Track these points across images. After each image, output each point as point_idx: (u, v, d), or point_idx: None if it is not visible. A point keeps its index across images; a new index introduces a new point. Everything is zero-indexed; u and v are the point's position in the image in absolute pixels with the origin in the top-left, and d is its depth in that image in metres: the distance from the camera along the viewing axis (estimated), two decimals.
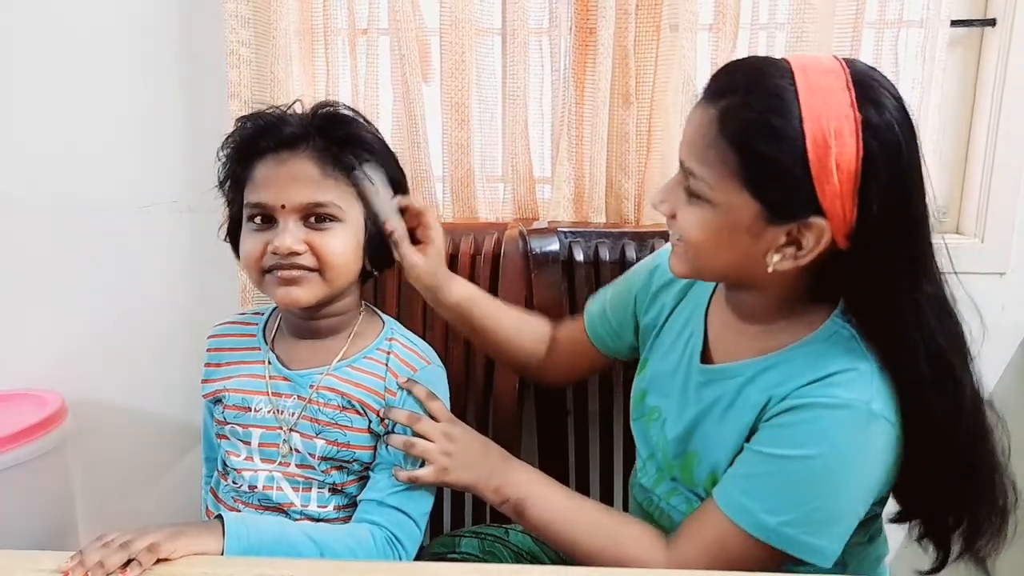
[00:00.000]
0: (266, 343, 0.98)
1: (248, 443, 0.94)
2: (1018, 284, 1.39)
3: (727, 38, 1.26)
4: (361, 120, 0.96)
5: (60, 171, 1.44)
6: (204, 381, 0.99)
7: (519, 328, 1.08)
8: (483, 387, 1.28)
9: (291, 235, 0.88)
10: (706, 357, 0.89)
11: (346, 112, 0.96)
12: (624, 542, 0.85)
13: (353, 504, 0.95)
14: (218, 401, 0.97)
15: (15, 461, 1.32)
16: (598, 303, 1.06)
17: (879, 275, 0.74)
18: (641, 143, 1.30)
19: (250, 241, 0.91)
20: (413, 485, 0.92)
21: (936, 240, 0.77)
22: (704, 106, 0.75)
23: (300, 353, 0.96)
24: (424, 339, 1.11)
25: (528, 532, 1.07)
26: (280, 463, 0.93)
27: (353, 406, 0.93)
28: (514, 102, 1.30)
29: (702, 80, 1.26)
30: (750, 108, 0.71)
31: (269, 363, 0.96)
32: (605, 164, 1.31)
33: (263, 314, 1.03)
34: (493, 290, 1.22)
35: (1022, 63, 1.30)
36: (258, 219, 0.90)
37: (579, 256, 1.25)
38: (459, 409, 1.29)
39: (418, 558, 1.03)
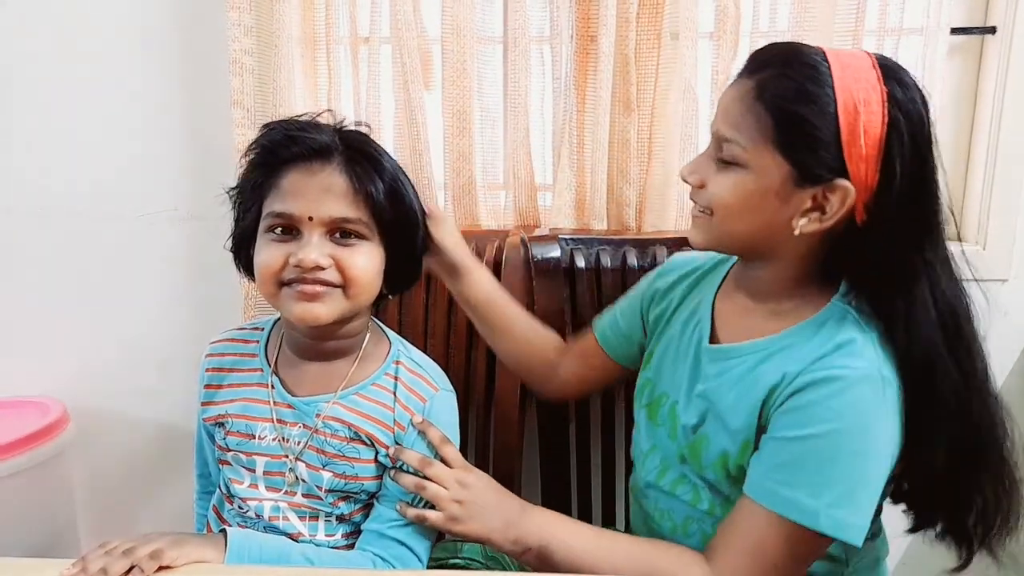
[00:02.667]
0: (268, 364, 0.93)
1: (252, 471, 0.91)
2: (1020, 290, 1.39)
3: (728, 46, 1.26)
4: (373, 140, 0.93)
5: (62, 179, 1.44)
6: (204, 404, 0.94)
7: (533, 334, 1.10)
8: (484, 394, 1.28)
9: (316, 249, 0.83)
10: (714, 340, 0.91)
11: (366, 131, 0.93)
12: (664, 567, 0.83)
13: (360, 532, 0.92)
14: (219, 425, 0.93)
15: (17, 468, 1.32)
16: (608, 313, 1.09)
17: (893, 242, 0.78)
18: (642, 150, 1.31)
19: (269, 251, 0.85)
20: (414, 545, 0.90)
21: (945, 213, 0.82)
22: (740, 80, 0.81)
23: (305, 377, 0.92)
24: (426, 347, 1.11)
25: None
26: (286, 492, 0.90)
27: (360, 438, 0.89)
28: (515, 110, 1.30)
29: (703, 88, 1.29)
30: (788, 77, 0.77)
31: (273, 387, 0.91)
32: (606, 171, 1.31)
33: (263, 329, 0.97)
34: None
35: (1022, 71, 1.30)
36: (279, 229, 0.85)
37: (580, 263, 1.25)
38: (461, 416, 1.29)
39: None
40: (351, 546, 0.92)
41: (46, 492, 1.39)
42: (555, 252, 1.24)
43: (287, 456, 0.89)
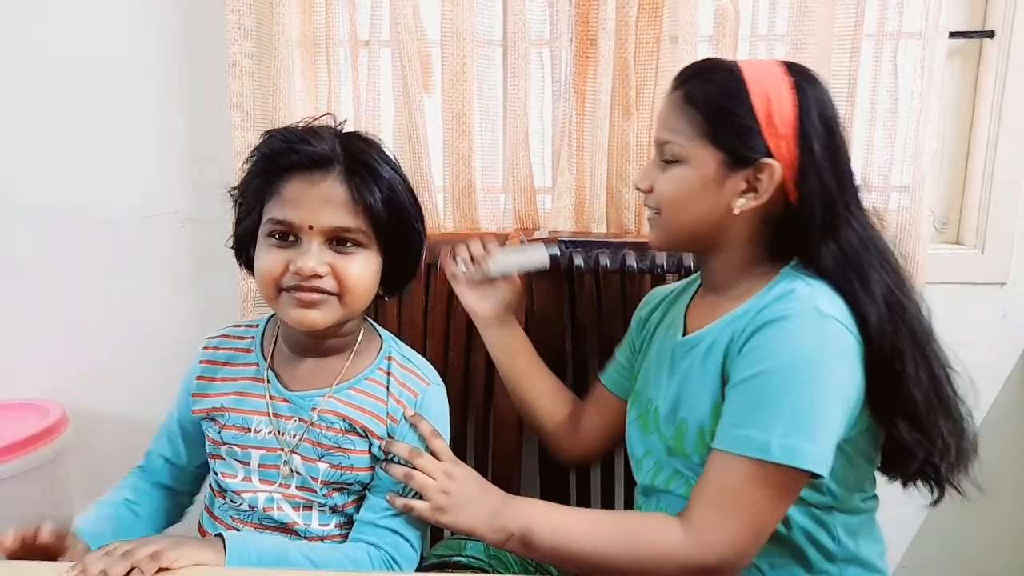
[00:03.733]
0: (264, 359, 0.96)
1: (247, 463, 0.93)
2: (1018, 294, 1.39)
3: (727, 50, 1.26)
4: (379, 146, 0.94)
5: (61, 181, 1.45)
6: (196, 396, 0.96)
7: (558, 390, 1.16)
8: (484, 396, 1.28)
9: (315, 257, 0.86)
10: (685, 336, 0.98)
11: (369, 138, 0.94)
12: (645, 534, 0.85)
13: (350, 522, 0.95)
14: (211, 419, 0.95)
15: (15, 471, 1.32)
16: (611, 361, 1.14)
17: (816, 197, 0.87)
18: (641, 153, 1.31)
19: (268, 257, 0.88)
20: (406, 533, 0.92)
21: (861, 190, 0.92)
22: (672, 94, 0.93)
23: (300, 372, 0.95)
24: (425, 348, 1.13)
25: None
26: (280, 484, 0.92)
27: (355, 430, 0.92)
28: (515, 113, 1.31)
29: None
30: (710, 81, 0.90)
31: (269, 382, 0.94)
32: (606, 174, 1.31)
33: (258, 326, 1.00)
34: None
35: (1020, 74, 1.31)
36: (279, 236, 0.88)
37: (580, 266, 1.25)
38: (460, 422, 1.29)
39: (422, 560, 1.02)
40: (344, 536, 0.94)
41: (45, 494, 1.39)
42: (555, 253, 1.24)
43: (282, 449, 0.92)
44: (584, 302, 1.27)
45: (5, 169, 1.45)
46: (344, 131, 0.93)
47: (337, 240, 0.88)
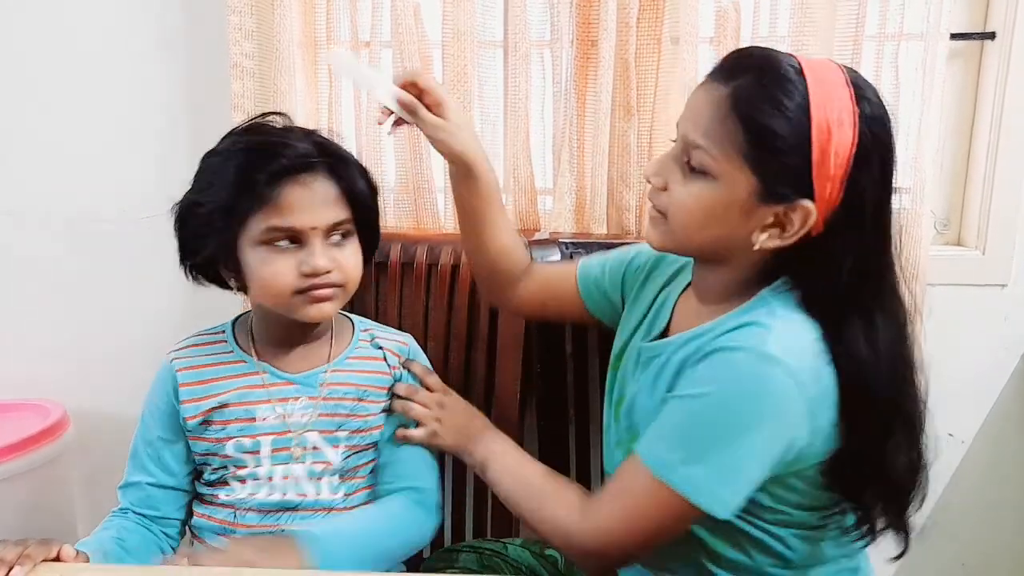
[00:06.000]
0: (250, 355, 0.99)
1: (256, 452, 0.95)
2: (1019, 295, 1.39)
3: (728, 51, 1.26)
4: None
5: (64, 181, 1.45)
6: (186, 402, 0.96)
7: (512, 237, 1.06)
8: (484, 395, 1.28)
9: (324, 255, 0.91)
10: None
11: (319, 128, 1.00)
12: (550, 500, 0.88)
13: (359, 491, 1.00)
14: (207, 422, 0.96)
15: (17, 471, 1.32)
16: (596, 266, 1.06)
17: (843, 254, 0.77)
18: (642, 155, 1.31)
19: (276, 265, 0.91)
20: (420, 465, 1.02)
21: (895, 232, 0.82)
22: (714, 84, 0.79)
23: (292, 359, 0.99)
24: (425, 348, 1.14)
25: (526, 546, 1.09)
26: (294, 463, 0.96)
27: (368, 395, 1.00)
28: (516, 114, 1.31)
29: None
30: (764, 87, 0.75)
31: (265, 373, 0.97)
32: (606, 175, 1.31)
33: (223, 331, 1.03)
34: None
35: (1021, 76, 1.30)
36: (283, 242, 0.91)
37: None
38: None
39: (418, 571, 1.05)
40: (354, 506, 0.99)
41: (46, 495, 1.39)
42: (555, 256, 1.24)
43: (291, 431, 0.96)
44: None
45: (6, 170, 1.45)
46: (301, 128, 0.97)
47: (330, 234, 0.93)
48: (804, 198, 0.76)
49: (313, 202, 0.91)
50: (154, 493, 0.98)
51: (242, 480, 0.96)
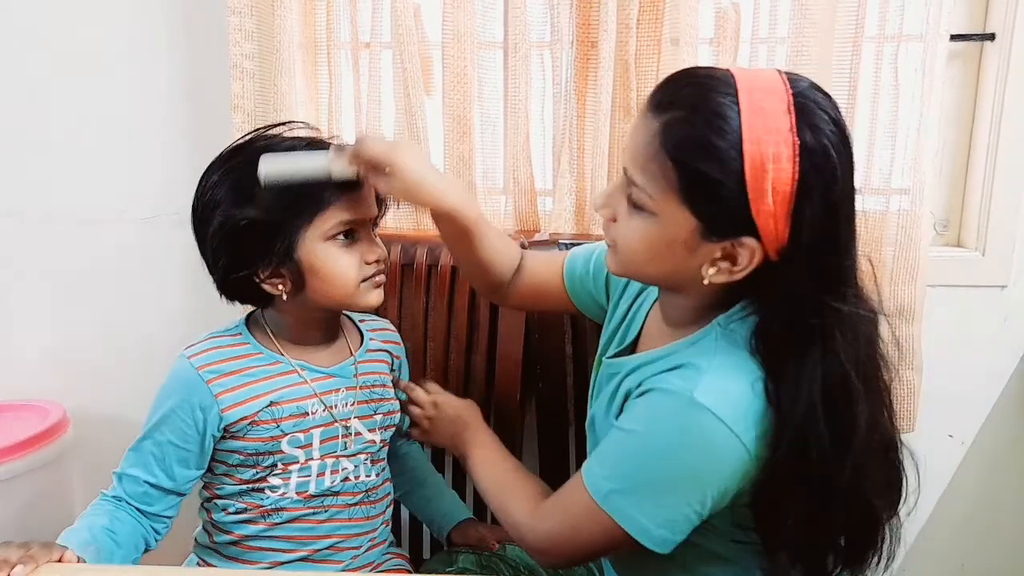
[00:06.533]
0: (280, 354, 1.00)
1: (309, 445, 0.98)
2: (1019, 297, 1.39)
3: (727, 52, 1.27)
4: None
5: (64, 183, 1.45)
6: (228, 408, 0.94)
7: (501, 245, 1.03)
8: (484, 396, 1.28)
9: (378, 244, 0.98)
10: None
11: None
12: (511, 496, 0.93)
13: (385, 471, 1.09)
14: (255, 423, 0.95)
15: (16, 472, 1.32)
16: (583, 257, 1.04)
17: (797, 286, 0.74)
18: None
19: (345, 259, 0.95)
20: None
21: (859, 261, 0.77)
22: (648, 117, 0.76)
23: (322, 355, 1.03)
24: (425, 349, 1.18)
25: None
26: (342, 452, 1.01)
27: (386, 382, 1.08)
28: (515, 115, 1.31)
29: None
30: (692, 125, 0.72)
31: (303, 369, 1.00)
32: (606, 176, 1.31)
33: (240, 333, 1.01)
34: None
35: (1021, 77, 1.30)
36: (342, 236, 0.95)
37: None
38: None
39: (418, 571, 1.07)
40: (386, 482, 1.08)
41: (45, 495, 1.39)
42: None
43: (336, 421, 1.00)
44: None
45: (7, 171, 1.45)
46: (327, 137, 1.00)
47: (373, 225, 0.99)
48: (748, 235, 0.73)
49: (367, 195, 0.96)
50: (151, 492, 0.97)
51: (286, 476, 0.98)
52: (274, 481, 0.97)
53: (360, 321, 1.10)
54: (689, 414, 0.74)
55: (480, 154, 1.34)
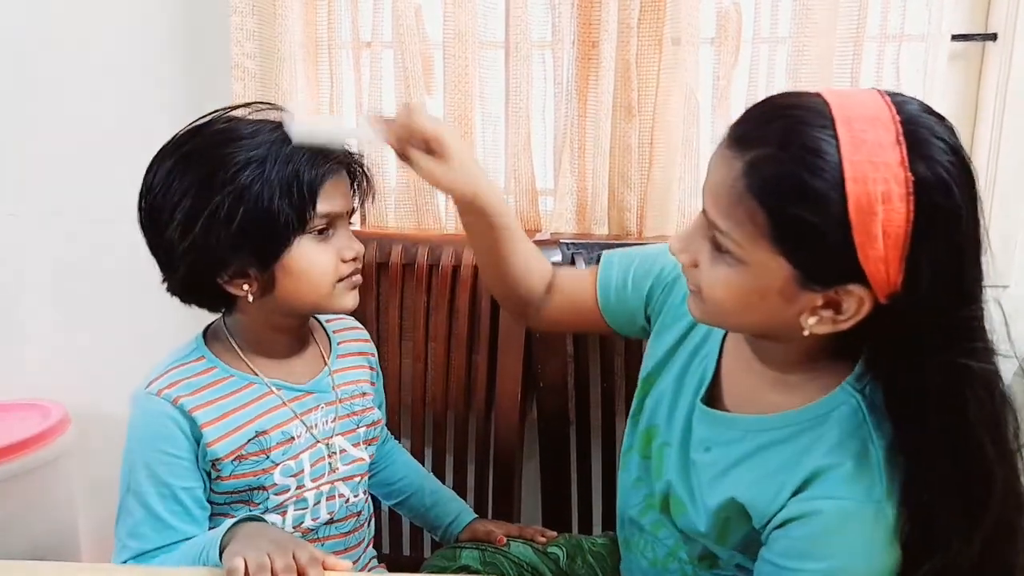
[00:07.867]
0: (252, 375, 0.91)
1: (301, 472, 0.91)
2: (1021, 297, 1.39)
3: (729, 52, 1.27)
4: None
5: (64, 181, 1.45)
6: (214, 443, 0.85)
7: (532, 255, 0.96)
8: (485, 397, 1.28)
9: (354, 239, 0.89)
10: (714, 394, 0.83)
11: None
12: None
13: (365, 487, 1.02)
14: (241, 457, 0.87)
15: (17, 471, 1.32)
16: (617, 271, 0.94)
17: (916, 337, 0.66)
18: (643, 155, 1.31)
19: (322, 257, 0.86)
20: None
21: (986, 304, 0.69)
22: (730, 154, 0.67)
23: (294, 367, 0.94)
24: (426, 349, 1.16)
25: (528, 543, 1.09)
26: (330, 472, 0.94)
27: (366, 390, 1.00)
28: (517, 115, 1.31)
29: (704, 93, 1.29)
30: (783, 165, 0.63)
31: (279, 389, 0.91)
32: (607, 176, 1.31)
33: (203, 356, 0.91)
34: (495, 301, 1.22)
35: (1023, 77, 1.30)
36: (318, 231, 0.85)
37: (582, 268, 1.25)
38: (461, 419, 1.29)
39: (419, 571, 1.05)
40: (367, 502, 1.02)
41: (47, 495, 1.39)
42: (556, 257, 1.24)
43: (319, 441, 0.93)
44: None
45: (8, 171, 1.45)
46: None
47: (348, 219, 0.91)
48: (854, 283, 0.64)
49: (341, 188, 0.87)
50: (181, 545, 0.84)
51: (283, 511, 0.90)
52: (272, 518, 0.89)
53: (326, 321, 1.02)
54: (877, 520, 0.68)
55: (481, 154, 1.34)
